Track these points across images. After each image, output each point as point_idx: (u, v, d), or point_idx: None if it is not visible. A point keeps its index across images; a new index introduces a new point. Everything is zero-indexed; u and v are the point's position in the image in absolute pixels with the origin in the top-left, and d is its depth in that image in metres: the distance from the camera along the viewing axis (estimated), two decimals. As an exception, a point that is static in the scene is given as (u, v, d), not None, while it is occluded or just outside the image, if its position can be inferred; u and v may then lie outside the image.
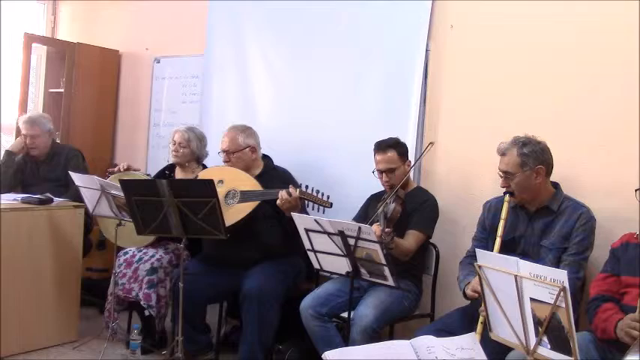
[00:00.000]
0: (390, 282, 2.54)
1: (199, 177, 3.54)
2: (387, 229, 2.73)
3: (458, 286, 2.78)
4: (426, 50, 3.39)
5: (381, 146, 3.10)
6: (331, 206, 3.10)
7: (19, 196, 3.74)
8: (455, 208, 3.28)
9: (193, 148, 3.78)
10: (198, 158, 3.85)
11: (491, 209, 2.83)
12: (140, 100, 5.10)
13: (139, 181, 3.36)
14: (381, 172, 3.09)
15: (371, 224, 2.79)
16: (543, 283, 1.65)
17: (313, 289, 3.17)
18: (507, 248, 2.56)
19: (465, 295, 2.68)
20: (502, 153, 2.66)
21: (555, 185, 2.71)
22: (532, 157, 2.59)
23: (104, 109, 5.27)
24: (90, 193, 3.50)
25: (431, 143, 3.13)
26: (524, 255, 2.55)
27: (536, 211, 2.67)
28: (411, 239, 2.98)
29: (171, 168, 3.95)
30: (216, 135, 3.74)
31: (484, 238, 2.82)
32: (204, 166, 3.88)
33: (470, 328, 2.35)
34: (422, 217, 3.03)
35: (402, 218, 2.96)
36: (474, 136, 3.25)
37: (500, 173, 2.66)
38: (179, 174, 3.86)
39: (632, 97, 2.72)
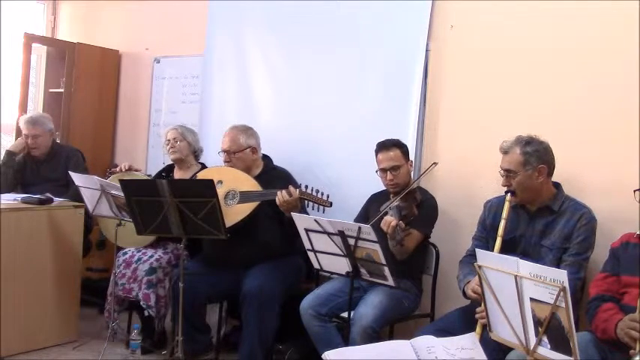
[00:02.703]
0: (390, 282, 2.54)
1: (199, 177, 3.54)
2: (402, 225, 2.72)
3: (457, 285, 2.78)
4: (426, 50, 3.39)
5: (385, 145, 3.10)
6: (331, 206, 3.10)
7: (19, 196, 3.74)
8: (455, 208, 3.28)
9: (189, 141, 3.81)
10: (194, 152, 3.86)
11: (492, 208, 2.83)
12: (140, 100, 5.09)
13: (139, 181, 3.36)
14: (385, 170, 3.08)
15: (381, 217, 2.79)
16: (543, 283, 1.65)
17: (313, 289, 3.18)
18: (508, 248, 2.56)
19: (464, 294, 2.68)
20: (504, 151, 2.66)
21: (556, 185, 2.71)
22: (535, 156, 2.59)
23: (104, 109, 5.26)
24: (90, 193, 3.50)
25: (434, 163, 2.99)
26: (525, 255, 2.54)
27: (536, 211, 2.67)
28: (412, 239, 2.97)
29: (168, 170, 3.95)
30: (216, 135, 3.74)
31: (484, 237, 2.82)
32: (203, 165, 3.88)
33: (470, 328, 2.34)
34: (421, 216, 3.03)
35: None
36: (474, 135, 3.25)
37: (502, 172, 2.66)
38: (177, 174, 3.86)
39: (632, 97, 2.72)
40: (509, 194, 2.62)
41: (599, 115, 2.84)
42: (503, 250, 2.48)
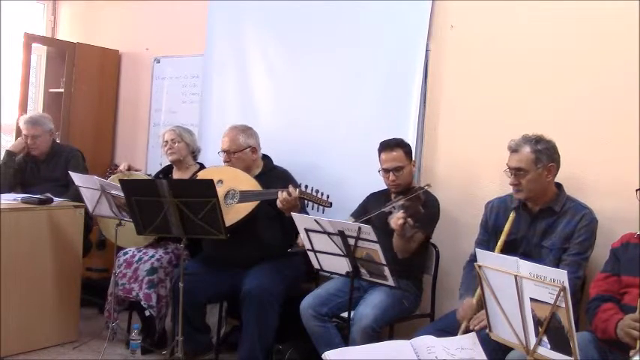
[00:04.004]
0: (390, 282, 2.54)
1: (199, 177, 3.54)
2: (411, 222, 2.72)
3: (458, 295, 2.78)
4: (426, 50, 3.38)
5: (389, 145, 3.09)
6: (331, 206, 3.09)
7: (19, 196, 3.74)
8: (455, 209, 3.28)
9: (187, 141, 3.81)
10: (193, 152, 3.86)
11: (494, 209, 2.82)
12: (140, 100, 5.10)
13: (139, 181, 3.36)
14: (387, 171, 3.07)
15: (382, 215, 2.79)
16: (543, 283, 1.65)
17: (313, 289, 3.17)
18: (509, 249, 2.56)
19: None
20: (513, 150, 2.62)
21: (558, 186, 2.70)
22: (545, 154, 2.58)
23: (104, 109, 5.26)
24: (90, 193, 3.50)
25: (428, 185, 2.94)
26: (526, 256, 2.54)
27: (538, 212, 2.67)
28: (415, 238, 2.97)
29: (166, 171, 3.94)
30: (216, 135, 3.74)
31: (486, 240, 2.81)
32: (202, 165, 3.88)
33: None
34: (425, 217, 3.02)
35: None
36: (474, 136, 3.25)
37: (510, 171, 2.63)
38: (176, 175, 3.85)
39: (633, 97, 2.72)
40: (513, 212, 2.60)
41: (599, 114, 2.84)
42: (505, 251, 2.48)
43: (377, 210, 2.94)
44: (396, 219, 2.74)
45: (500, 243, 2.57)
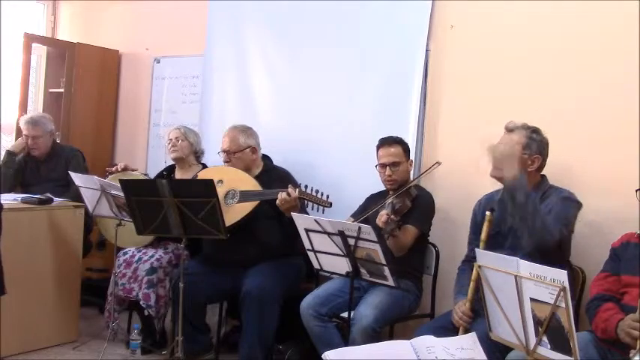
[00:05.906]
0: (390, 282, 2.55)
1: (199, 177, 3.54)
2: (392, 217, 2.74)
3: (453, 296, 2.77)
4: (426, 50, 3.39)
5: (387, 141, 3.11)
6: (331, 206, 3.10)
7: (19, 196, 3.74)
8: (455, 208, 3.28)
9: (191, 141, 3.82)
10: (195, 152, 3.86)
11: (481, 206, 2.83)
12: (140, 100, 5.10)
13: (139, 181, 3.36)
14: (384, 166, 3.08)
15: (374, 213, 2.82)
16: (543, 283, 1.65)
17: (313, 289, 3.18)
18: (495, 243, 2.54)
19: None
20: (510, 129, 2.67)
21: (542, 176, 2.70)
22: (537, 143, 2.61)
23: (104, 109, 5.26)
24: (90, 193, 3.50)
25: (438, 162, 3.02)
26: (513, 248, 2.51)
27: None
28: (407, 234, 2.98)
29: (169, 171, 3.94)
30: (216, 135, 3.74)
31: (476, 239, 2.80)
32: (204, 165, 3.88)
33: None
34: (417, 213, 3.02)
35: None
36: (474, 136, 3.24)
37: None
38: (178, 174, 3.85)
39: (633, 96, 2.72)
40: (488, 213, 2.57)
41: (599, 114, 2.84)
42: (493, 244, 2.47)
43: (374, 210, 2.95)
44: (380, 216, 2.76)
45: (483, 235, 2.53)
